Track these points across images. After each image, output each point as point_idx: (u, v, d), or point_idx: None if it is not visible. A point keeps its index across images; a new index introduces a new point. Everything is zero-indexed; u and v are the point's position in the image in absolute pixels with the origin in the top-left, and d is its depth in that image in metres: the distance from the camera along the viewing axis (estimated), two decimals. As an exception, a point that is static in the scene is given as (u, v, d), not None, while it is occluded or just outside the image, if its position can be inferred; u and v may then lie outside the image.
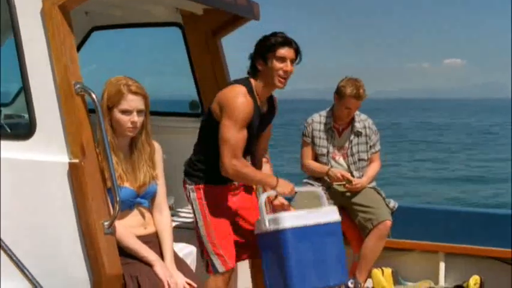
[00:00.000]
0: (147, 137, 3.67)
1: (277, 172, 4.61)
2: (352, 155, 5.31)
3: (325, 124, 5.33)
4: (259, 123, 4.18)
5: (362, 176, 5.30)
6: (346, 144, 5.32)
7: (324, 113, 5.41)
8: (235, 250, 4.20)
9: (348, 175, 5.19)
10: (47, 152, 3.42)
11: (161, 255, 3.64)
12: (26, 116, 5.20)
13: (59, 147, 3.39)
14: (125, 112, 3.51)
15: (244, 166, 3.99)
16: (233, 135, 3.91)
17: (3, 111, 5.23)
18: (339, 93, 5.23)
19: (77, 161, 3.33)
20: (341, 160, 5.32)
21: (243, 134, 3.97)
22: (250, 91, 4.05)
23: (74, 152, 3.35)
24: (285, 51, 4.02)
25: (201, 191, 4.17)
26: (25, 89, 3.47)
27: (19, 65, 3.50)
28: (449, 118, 76.29)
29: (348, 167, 5.29)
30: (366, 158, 5.35)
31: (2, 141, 3.56)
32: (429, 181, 22.89)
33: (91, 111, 3.41)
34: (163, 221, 3.75)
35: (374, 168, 5.38)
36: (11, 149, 3.51)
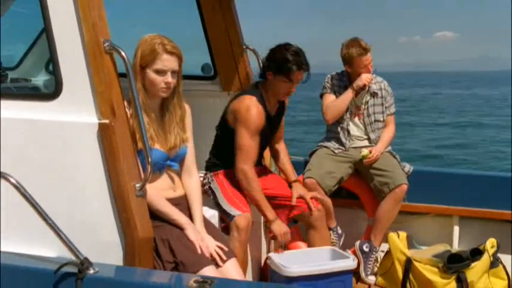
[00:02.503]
0: (179, 99, 3.58)
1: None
2: (369, 115, 5.24)
3: (343, 81, 5.28)
4: (271, 127, 4.52)
5: (378, 137, 5.26)
6: (362, 105, 5.26)
7: (340, 72, 5.35)
8: None
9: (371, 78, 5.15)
10: (74, 112, 3.31)
11: (190, 218, 3.58)
12: (33, 79, 5.13)
13: (87, 108, 3.28)
14: (159, 72, 3.40)
15: (252, 177, 4.26)
16: (246, 142, 4.23)
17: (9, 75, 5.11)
18: (347, 61, 5.17)
19: (107, 121, 3.22)
20: (356, 120, 5.25)
21: (256, 142, 4.29)
22: (260, 99, 4.34)
23: (104, 112, 3.24)
24: (295, 76, 4.30)
25: (219, 175, 4.42)
26: (51, 47, 3.34)
27: (44, 22, 3.37)
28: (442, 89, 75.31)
29: (365, 128, 5.25)
30: (381, 119, 5.28)
31: (27, 102, 3.47)
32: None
33: (122, 75, 3.31)
34: (193, 184, 3.69)
35: (389, 132, 5.32)
36: (36, 110, 3.41)
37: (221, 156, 4.48)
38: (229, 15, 5.07)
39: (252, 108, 4.24)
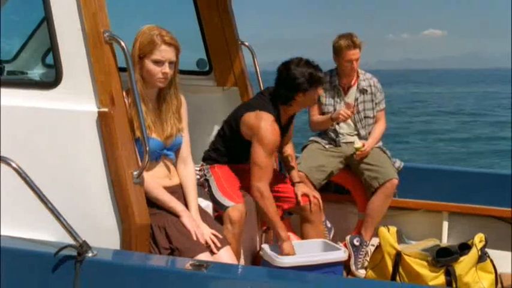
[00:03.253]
0: (175, 90, 3.66)
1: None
2: (358, 112, 5.31)
3: (331, 82, 5.33)
4: (282, 134, 4.52)
5: (368, 133, 5.34)
6: (352, 102, 5.32)
7: (328, 72, 5.40)
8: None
9: (350, 104, 5.21)
10: (74, 101, 3.38)
11: (186, 206, 3.65)
12: (29, 72, 5.17)
13: (87, 96, 3.34)
14: (157, 63, 3.48)
15: (268, 196, 4.27)
16: (263, 160, 4.23)
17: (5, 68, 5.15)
18: (335, 51, 5.24)
19: (106, 109, 3.29)
20: None
21: (272, 160, 4.35)
22: (277, 116, 4.37)
23: (103, 101, 3.31)
24: (323, 78, 4.46)
25: (216, 168, 4.47)
26: (51, 36, 3.41)
27: (44, 12, 3.43)
28: (431, 88, 74.48)
29: (355, 125, 5.31)
30: (371, 115, 5.36)
31: (27, 90, 3.53)
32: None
33: (122, 69, 3.38)
34: (188, 174, 3.76)
35: (379, 128, 5.40)
36: (37, 98, 3.47)
37: (222, 153, 4.52)
38: (224, 10, 5.13)
39: (270, 130, 4.25)
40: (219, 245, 3.58)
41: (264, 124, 4.24)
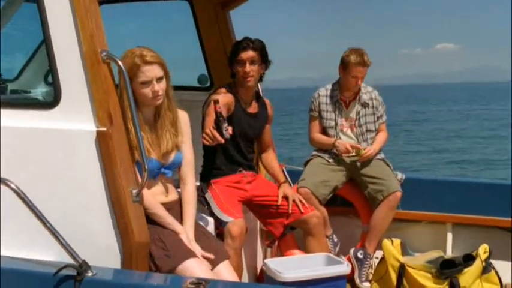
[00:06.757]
0: (169, 102, 3.66)
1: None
2: (360, 126, 5.32)
3: (332, 97, 5.34)
4: (250, 123, 4.63)
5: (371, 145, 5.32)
6: (354, 116, 5.34)
7: (329, 86, 5.41)
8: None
9: (356, 145, 5.21)
10: (73, 120, 3.39)
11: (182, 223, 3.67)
12: (32, 91, 5.20)
13: (85, 116, 3.36)
14: (145, 83, 3.50)
15: None
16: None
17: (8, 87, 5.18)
18: (343, 64, 5.24)
19: (104, 128, 3.30)
20: (349, 132, 5.34)
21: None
22: (230, 89, 4.55)
23: (101, 120, 3.32)
24: (242, 55, 4.50)
25: (213, 185, 4.52)
26: (50, 57, 3.43)
27: (43, 33, 3.46)
28: (445, 105, 72.18)
29: (356, 138, 5.32)
30: (373, 129, 5.36)
31: (27, 111, 3.54)
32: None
33: None
34: (186, 192, 3.78)
35: (382, 136, 5.42)
36: (36, 119, 3.48)
37: (211, 165, 4.59)
38: (225, 26, 5.18)
39: (216, 92, 4.49)
40: (212, 257, 3.58)
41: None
